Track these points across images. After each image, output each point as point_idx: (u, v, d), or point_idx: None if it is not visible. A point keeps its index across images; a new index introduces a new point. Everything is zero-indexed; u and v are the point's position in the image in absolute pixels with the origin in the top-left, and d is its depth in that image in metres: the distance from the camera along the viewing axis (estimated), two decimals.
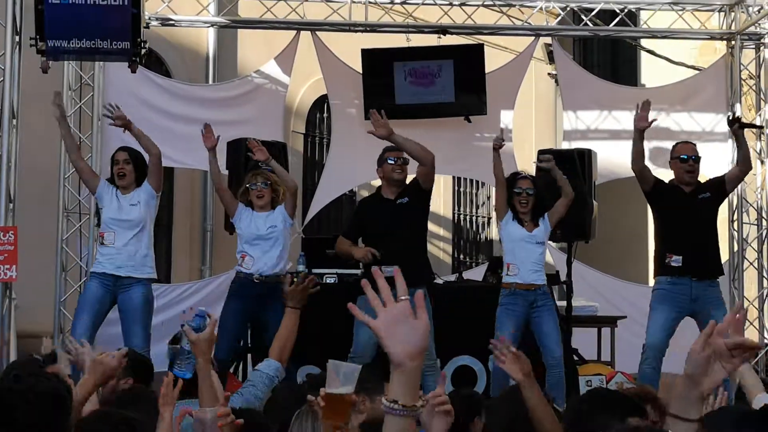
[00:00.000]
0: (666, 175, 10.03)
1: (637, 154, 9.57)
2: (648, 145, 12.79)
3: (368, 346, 9.08)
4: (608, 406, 4.00)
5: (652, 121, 9.49)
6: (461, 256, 17.87)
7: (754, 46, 12.66)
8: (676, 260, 9.41)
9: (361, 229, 9.50)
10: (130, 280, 9.39)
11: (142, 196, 9.49)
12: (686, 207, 9.48)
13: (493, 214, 17.30)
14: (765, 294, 12.30)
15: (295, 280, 6.62)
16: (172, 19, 12.40)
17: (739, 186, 12.39)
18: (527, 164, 12.12)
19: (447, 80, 12.50)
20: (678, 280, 9.40)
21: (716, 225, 9.63)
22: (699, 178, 9.82)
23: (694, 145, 9.87)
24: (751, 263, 12.42)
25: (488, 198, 17.93)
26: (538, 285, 9.35)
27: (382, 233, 9.20)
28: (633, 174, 13.51)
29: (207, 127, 9.62)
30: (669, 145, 12.66)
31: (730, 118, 9.65)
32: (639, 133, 9.49)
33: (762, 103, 12.53)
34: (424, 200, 9.46)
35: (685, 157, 9.57)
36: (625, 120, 12.85)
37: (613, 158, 12.60)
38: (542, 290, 9.38)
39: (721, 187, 9.73)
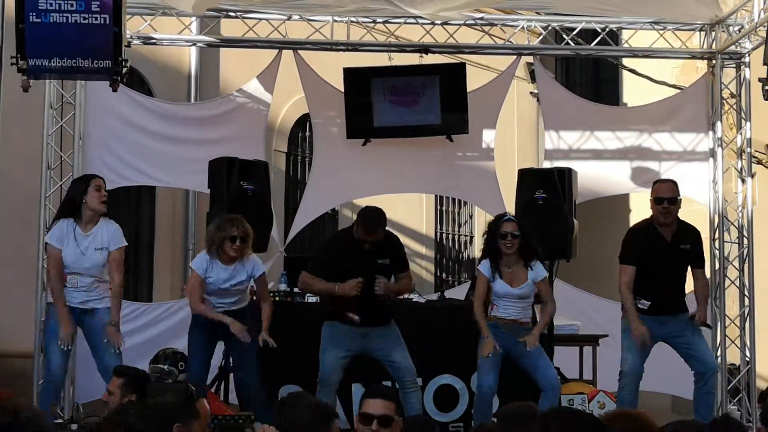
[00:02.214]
0: (646, 194, 10.07)
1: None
2: (630, 165, 12.90)
3: (335, 370, 9.07)
4: (577, 427, 3.94)
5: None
6: (443, 275, 17.86)
7: (734, 65, 12.69)
8: (643, 303, 9.54)
9: (331, 270, 9.32)
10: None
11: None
12: (663, 255, 9.54)
13: (476, 233, 17.37)
14: (746, 312, 12.31)
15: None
16: (153, 38, 12.39)
17: (721, 205, 12.45)
18: (510, 183, 12.13)
19: (432, 98, 12.44)
20: (644, 318, 9.53)
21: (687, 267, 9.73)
22: (683, 203, 9.84)
23: (674, 183, 9.82)
24: (732, 281, 12.44)
25: (470, 217, 17.94)
26: (522, 321, 9.30)
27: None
28: (613, 193, 13.60)
29: None
30: (650, 165, 12.78)
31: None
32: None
33: (743, 121, 12.57)
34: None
35: (661, 198, 9.58)
36: (607, 140, 12.90)
37: (594, 178, 12.64)
38: (526, 327, 9.31)
39: (696, 251, 9.73)
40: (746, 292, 12.33)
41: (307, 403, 4.81)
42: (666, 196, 9.58)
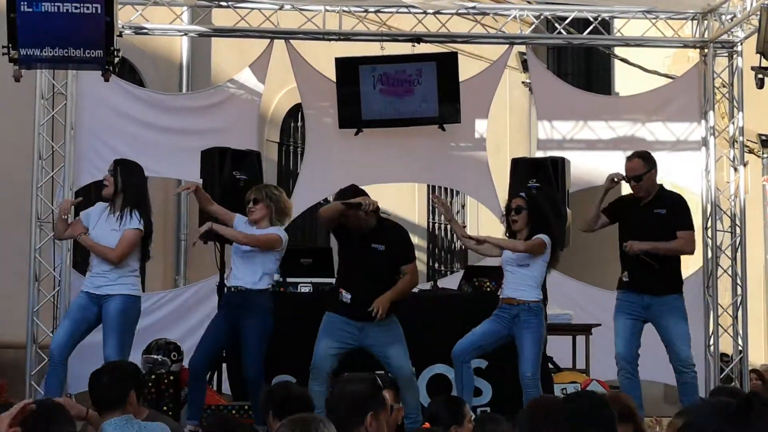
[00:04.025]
0: None
1: (592, 219, 9.78)
2: (624, 155, 12.91)
3: (326, 358, 9.05)
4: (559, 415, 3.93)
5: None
6: (436, 265, 17.87)
7: (727, 54, 12.69)
8: (625, 275, 9.54)
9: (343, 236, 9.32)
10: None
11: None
12: (637, 220, 9.57)
13: (468, 222, 17.37)
14: (739, 301, 12.33)
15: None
16: (145, 28, 12.36)
17: (713, 194, 12.46)
18: (502, 173, 12.13)
19: (428, 87, 12.42)
20: (629, 294, 9.58)
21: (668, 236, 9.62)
22: (673, 188, 9.84)
23: (640, 158, 9.74)
24: (725, 270, 12.46)
25: (463, 206, 17.94)
26: (522, 300, 9.28)
27: (356, 268, 9.14)
28: None
29: None
30: None
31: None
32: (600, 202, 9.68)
33: (735, 111, 12.58)
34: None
35: (625, 177, 9.62)
36: (600, 130, 12.90)
37: (587, 167, 12.63)
38: (527, 306, 9.28)
39: (674, 216, 9.67)
40: (739, 281, 12.34)
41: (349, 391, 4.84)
42: (627, 175, 9.61)
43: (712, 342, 12.10)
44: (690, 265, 11.76)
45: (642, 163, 9.67)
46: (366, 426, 4.66)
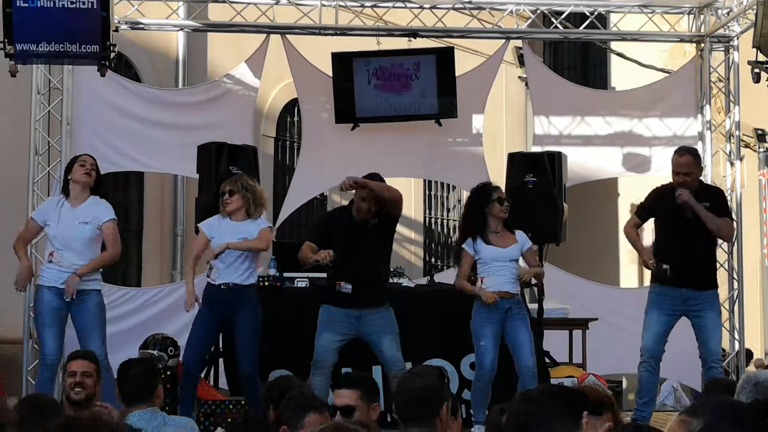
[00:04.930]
0: (640, 180, 10.07)
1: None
2: (621, 151, 12.91)
3: (329, 351, 9.08)
4: (560, 402, 3.87)
5: None
6: (432, 260, 17.87)
7: (723, 49, 12.70)
8: (666, 269, 9.45)
9: (325, 241, 9.35)
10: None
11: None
12: (678, 215, 9.45)
13: None
14: (735, 296, 12.33)
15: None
16: (141, 23, 12.35)
17: None
18: (498, 168, 12.14)
19: (427, 81, 12.40)
20: (666, 288, 9.48)
21: (711, 235, 9.55)
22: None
23: (691, 156, 9.64)
24: (721, 264, 12.41)
25: (459, 201, 17.93)
26: (513, 293, 9.28)
27: (348, 251, 9.15)
28: (603, 177, 13.61)
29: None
30: (640, 150, 12.80)
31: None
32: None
33: (731, 105, 12.58)
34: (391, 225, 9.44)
35: (677, 171, 9.53)
36: (597, 125, 12.91)
37: (584, 162, 12.65)
38: (516, 299, 9.30)
39: (717, 206, 9.60)
40: (735, 276, 12.34)
41: (419, 384, 4.87)
42: (682, 170, 9.51)
43: None
44: None
45: (693, 160, 9.62)
46: (441, 416, 4.74)
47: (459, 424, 6.24)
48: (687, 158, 9.60)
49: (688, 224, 9.39)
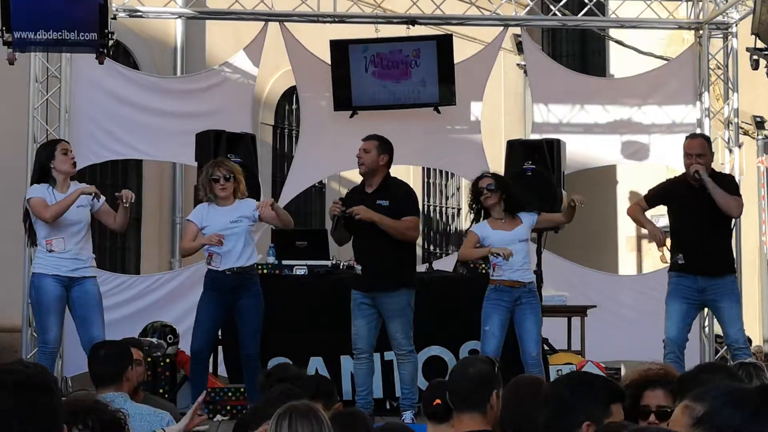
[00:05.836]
0: (639, 168, 10.06)
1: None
2: (620, 139, 12.90)
3: (366, 336, 9.12)
4: (591, 392, 3.97)
5: None
6: (431, 247, 17.88)
7: (721, 36, 12.69)
8: (680, 258, 9.42)
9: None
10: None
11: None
12: (690, 202, 9.44)
13: (463, 206, 17.35)
14: None
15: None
16: (139, 11, 12.33)
17: None
18: (497, 155, 12.13)
19: (428, 68, 12.38)
20: (683, 278, 9.45)
21: (725, 221, 9.55)
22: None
23: (704, 139, 9.71)
24: None
25: (458, 189, 17.94)
26: (523, 282, 9.26)
27: (362, 234, 9.15)
28: (601, 164, 13.59)
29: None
30: (639, 138, 12.80)
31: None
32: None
33: (730, 92, 12.57)
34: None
35: (689, 153, 9.51)
36: (596, 113, 12.90)
37: (583, 150, 12.65)
38: (528, 288, 9.27)
39: (727, 188, 9.55)
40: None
41: (473, 372, 5.04)
42: (694, 152, 9.48)
43: (707, 324, 12.10)
44: None
45: (704, 143, 9.64)
46: (491, 403, 4.90)
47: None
48: (698, 140, 9.65)
49: (702, 209, 9.37)
